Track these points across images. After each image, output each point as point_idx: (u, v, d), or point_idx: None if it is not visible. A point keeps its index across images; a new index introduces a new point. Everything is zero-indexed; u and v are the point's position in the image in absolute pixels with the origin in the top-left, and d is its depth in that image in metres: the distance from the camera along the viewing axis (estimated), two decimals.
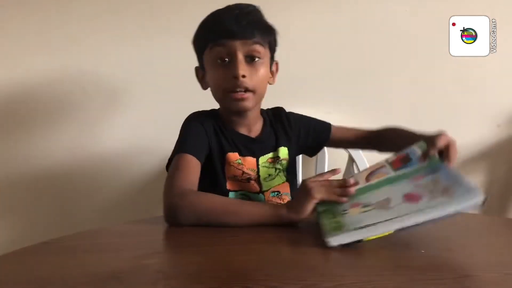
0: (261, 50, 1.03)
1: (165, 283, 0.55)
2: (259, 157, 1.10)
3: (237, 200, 1.03)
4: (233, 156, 1.07)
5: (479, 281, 0.56)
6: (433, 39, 1.52)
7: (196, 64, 1.12)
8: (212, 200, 0.88)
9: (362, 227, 0.67)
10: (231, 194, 1.07)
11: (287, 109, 1.21)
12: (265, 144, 1.12)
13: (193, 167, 0.98)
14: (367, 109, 1.55)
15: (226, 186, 1.07)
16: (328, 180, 0.86)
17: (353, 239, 0.66)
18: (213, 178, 1.06)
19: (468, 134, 1.56)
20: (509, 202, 1.58)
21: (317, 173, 1.29)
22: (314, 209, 0.82)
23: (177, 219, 0.85)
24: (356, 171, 1.37)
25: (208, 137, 1.06)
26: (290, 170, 1.16)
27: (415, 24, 1.54)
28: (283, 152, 1.13)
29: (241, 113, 1.08)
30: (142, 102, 1.53)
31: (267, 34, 1.05)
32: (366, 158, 1.42)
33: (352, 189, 0.81)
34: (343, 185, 0.83)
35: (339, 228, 0.69)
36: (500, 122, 1.55)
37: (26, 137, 1.52)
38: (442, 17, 1.47)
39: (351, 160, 1.43)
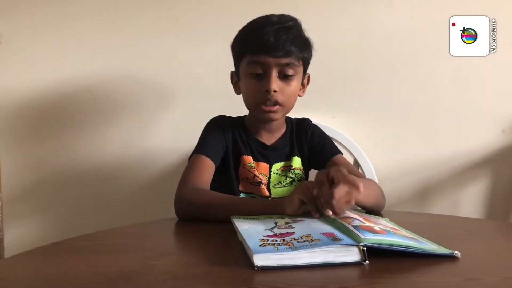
0: (295, 67, 1.07)
1: (173, 283, 0.56)
2: (272, 164, 1.14)
3: (240, 197, 1.09)
4: (247, 159, 1.12)
5: (482, 284, 0.57)
6: (433, 40, 1.53)
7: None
8: (218, 196, 0.95)
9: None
10: (242, 195, 1.12)
11: (293, 113, 1.22)
12: (279, 152, 1.16)
13: (207, 167, 1.05)
14: (371, 113, 1.56)
15: (238, 187, 1.12)
16: (325, 190, 0.80)
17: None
18: (228, 179, 1.12)
19: (473, 140, 1.56)
20: None
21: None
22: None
23: (186, 213, 0.93)
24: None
25: (225, 140, 1.12)
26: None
27: (416, 27, 1.54)
28: (296, 161, 1.16)
29: (267, 122, 1.13)
30: (156, 105, 1.56)
31: (303, 51, 1.08)
32: (372, 162, 1.43)
33: (330, 212, 0.78)
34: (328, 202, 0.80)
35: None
36: (505, 128, 1.55)
37: (58, 137, 1.56)
38: (442, 17, 1.48)
39: (356, 165, 1.44)
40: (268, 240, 0.68)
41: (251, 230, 0.74)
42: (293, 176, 1.15)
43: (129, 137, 1.56)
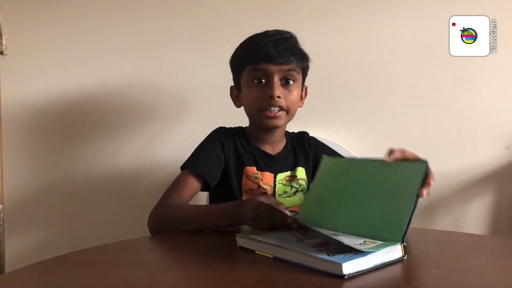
0: (296, 74, 1.11)
1: None
2: (277, 174, 1.14)
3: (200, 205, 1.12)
4: (251, 170, 1.12)
5: None
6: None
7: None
8: (186, 209, 0.99)
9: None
10: None
11: (296, 128, 1.24)
12: (284, 162, 1.17)
13: (191, 185, 1.06)
14: (374, 129, 1.56)
15: (242, 199, 1.11)
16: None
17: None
18: (230, 192, 1.11)
19: (477, 156, 1.56)
20: None
21: None
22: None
23: (157, 230, 0.97)
24: None
25: (224, 154, 1.13)
26: None
27: (421, 43, 1.54)
28: (301, 172, 1.17)
29: (270, 130, 1.14)
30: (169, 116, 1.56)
31: (302, 61, 1.13)
32: None
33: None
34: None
35: None
36: (509, 144, 1.55)
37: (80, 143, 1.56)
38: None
39: None
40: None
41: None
42: (298, 186, 1.16)
43: (133, 149, 1.55)
